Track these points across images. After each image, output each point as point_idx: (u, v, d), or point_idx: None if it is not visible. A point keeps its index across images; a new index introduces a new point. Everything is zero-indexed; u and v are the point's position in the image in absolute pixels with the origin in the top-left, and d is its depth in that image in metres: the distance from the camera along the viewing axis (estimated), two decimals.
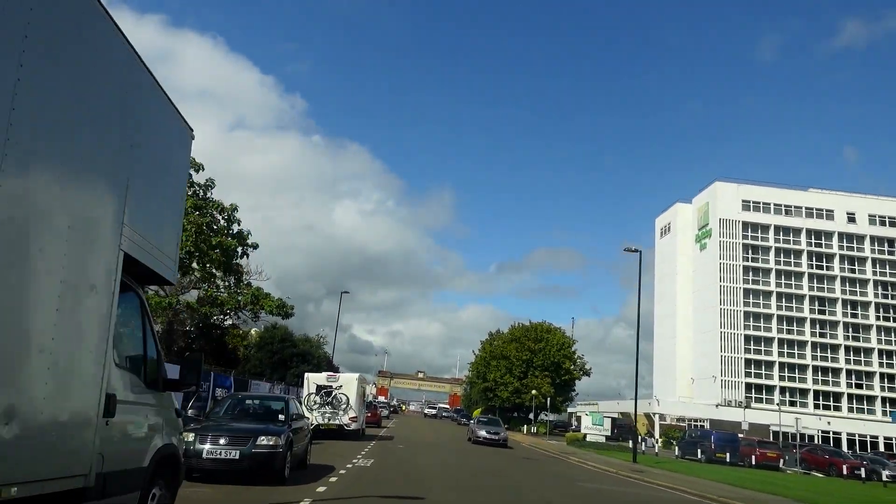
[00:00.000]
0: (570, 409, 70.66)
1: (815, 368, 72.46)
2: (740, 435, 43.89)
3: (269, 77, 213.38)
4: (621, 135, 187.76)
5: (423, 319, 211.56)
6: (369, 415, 37.61)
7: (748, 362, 72.22)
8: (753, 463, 35.68)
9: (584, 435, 43.77)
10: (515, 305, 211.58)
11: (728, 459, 35.96)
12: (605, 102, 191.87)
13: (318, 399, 25.42)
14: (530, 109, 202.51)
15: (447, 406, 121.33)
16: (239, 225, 26.61)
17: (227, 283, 29.02)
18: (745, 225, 75.66)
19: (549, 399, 62.00)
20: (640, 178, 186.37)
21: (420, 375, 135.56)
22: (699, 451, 37.84)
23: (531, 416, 70.27)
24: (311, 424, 18.81)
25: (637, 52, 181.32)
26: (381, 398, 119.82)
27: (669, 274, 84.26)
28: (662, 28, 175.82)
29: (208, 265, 25.43)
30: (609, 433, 43.62)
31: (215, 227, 25.68)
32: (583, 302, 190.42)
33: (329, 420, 25.03)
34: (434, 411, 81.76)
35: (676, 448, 43.39)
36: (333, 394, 25.62)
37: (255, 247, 27.78)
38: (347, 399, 25.70)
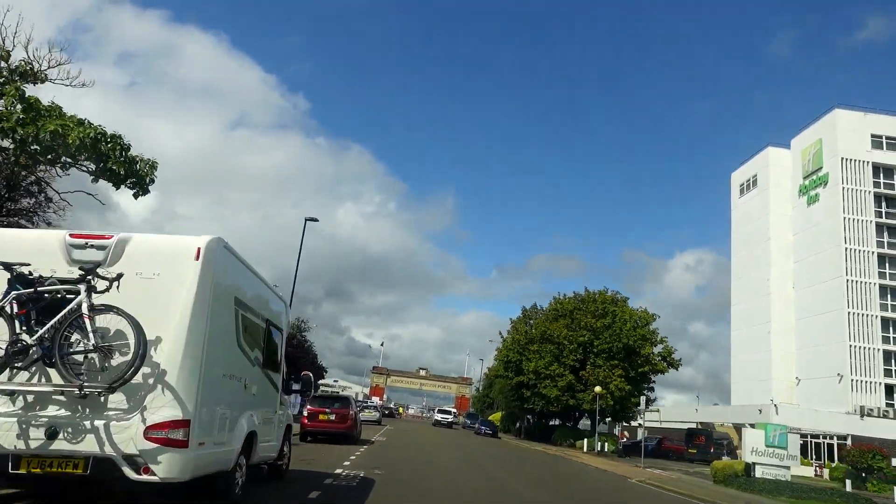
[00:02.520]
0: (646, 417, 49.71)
1: None
2: None
3: (272, 76, 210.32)
4: (621, 136, 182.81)
5: (422, 324, 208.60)
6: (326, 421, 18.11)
7: (889, 356, 51.59)
8: None
9: (747, 466, 23.06)
10: (517, 310, 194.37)
11: None
12: (606, 102, 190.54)
13: None
14: (531, 112, 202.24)
15: (452, 410, 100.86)
16: None
17: None
18: (877, 169, 55.24)
19: (617, 400, 41.62)
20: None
21: (422, 373, 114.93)
22: None
23: (582, 423, 49.77)
24: None
25: (638, 51, 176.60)
26: (375, 399, 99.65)
27: (756, 240, 63.80)
28: (663, 27, 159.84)
29: None
30: (793, 460, 23.03)
31: None
32: None
33: None
34: (449, 418, 59.86)
35: None
36: None
37: None
38: None
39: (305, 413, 20.51)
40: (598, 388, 40.15)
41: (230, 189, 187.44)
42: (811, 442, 47.23)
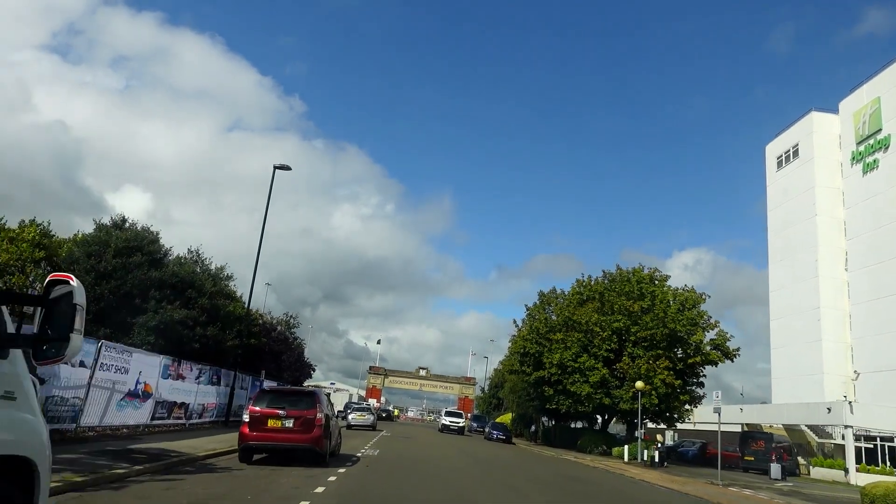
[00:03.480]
0: (694, 419, 41.83)
1: None
2: None
3: (268, 78, 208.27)
4: (620, 134, 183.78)
5: (421, 326, 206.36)
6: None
7: None
8: None
9: None
10: (516, 313, 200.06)
11: None
12: (606, 102, 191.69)
13: None
14: (530, 113, 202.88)
15: (462, 413, 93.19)
16: None
17: None
18: None
19: (662, 398, 34.34)
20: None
21: (422, 373, 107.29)
22: None
23: (606, 424, 42.38)
24: None
25: (639, 49, 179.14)
26: (372, 401, 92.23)
27: (799, 217, 56.41)
28: (662, 23, 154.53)
29: None
30: None
31: None
32: None
33: None
34: (459, 422, 49.70)
35: None
36: None
37: None
38: None
39: (246, 417, 13.05)
40: (639, 384, 32.76)
41: (226, 192, 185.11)
42: (883, 446, 39.82)
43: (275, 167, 25.42)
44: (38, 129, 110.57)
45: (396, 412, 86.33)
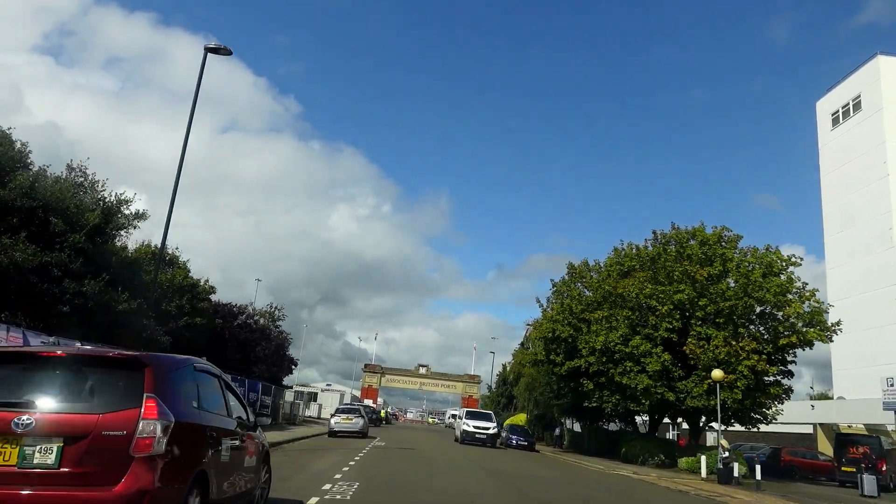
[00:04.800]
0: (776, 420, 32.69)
1: None
2: None
3: (262, 79, 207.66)
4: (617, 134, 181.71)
5: (418, 327, 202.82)
6: None
7: None
8: None
9: None
10: (514, 313, 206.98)
11: None
12: (605, 101, 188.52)
13: None
14: (528, 113, 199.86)
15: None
16: None
17: None
18: None
19: (745, 392, 25.89)
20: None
21: (422, 371, 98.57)
22: None
23: (674, 424, 33.85)
24: None
25: (639, 43, 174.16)
26: (368, 401, 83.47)
27: (865, 179, 47.94)
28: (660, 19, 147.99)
29: None
30: None
31: None
32: None
33: None
34: (489, 428, 34.86)
35: None
36: None
37: None
38: None
39: None
40: (717, 373, 24.16)
41: (221, 194, 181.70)
42: None
43: (206, 49, 16.89)
44: (30, 131, 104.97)
45: (383, 413, 74.72)
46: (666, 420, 36.15)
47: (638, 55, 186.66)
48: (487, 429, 34.59)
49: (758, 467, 23.39)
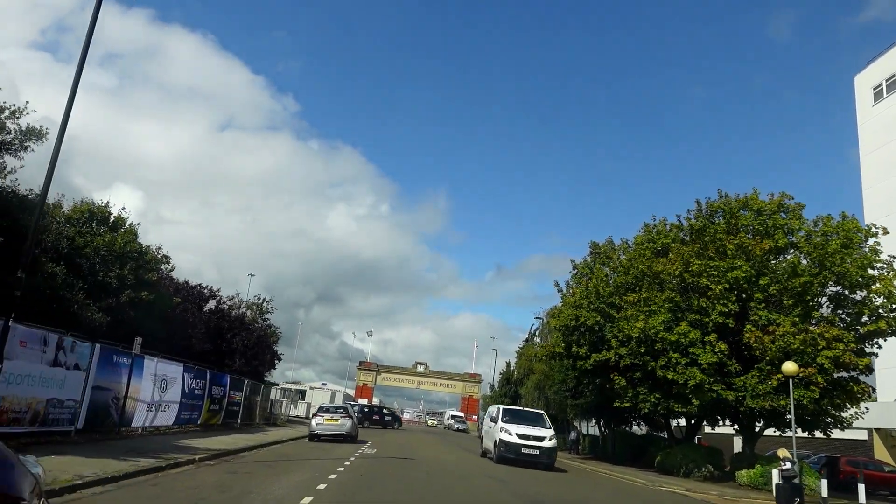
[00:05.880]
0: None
1: None
2: None
3: (260, 77, 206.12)
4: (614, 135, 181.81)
5: (415, 327, 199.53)
6: None
7: None
8: None
9: None
10: (511, 314, 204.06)
11: None
12: (600, 93, 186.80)
13: None
14: (525, 112, 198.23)
15: (460, 415, 79.45)
16: None
17: None
18: None
19: (824, 390, 20.90)
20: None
21: (420, 369, 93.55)
22: None
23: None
24: None
25: (638, 47, 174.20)
26: (363, 400, 78.55)
27: None
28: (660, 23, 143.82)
29: None
30: None
31: None
32: None
33: None
34: (544, 438, 22.05)
35: None
36: None
37: None
38: None
39: None
40: (791, 366, 19.15)
41: (218, 192, 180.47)
42: None
43: None
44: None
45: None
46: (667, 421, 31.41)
47: (638, 47, 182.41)
48: (542, 440, 21.95)
49: (823, 483, 18.83)
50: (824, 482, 18.99)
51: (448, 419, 72.42)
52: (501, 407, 25.60)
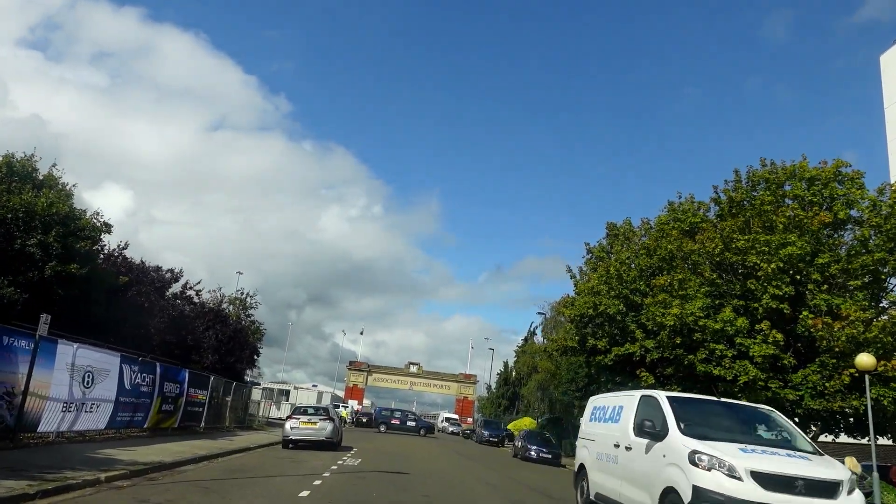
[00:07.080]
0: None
1: None
2: None
3: (253, 77, 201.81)
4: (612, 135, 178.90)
5: (408, 329, 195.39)
6: None
7: None
8: None
9: None
10: (504, 316, 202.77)
11: None
12: (597, 101, 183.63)
13: None
14: (521, 114, 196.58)
15: (455, 417, 75.60)
16: None
17: None
18: None
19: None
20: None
21: (412, 370, 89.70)
22: None
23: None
24: None
25: (632, 46, 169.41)
26: (353, 402, 74.78)
27: None
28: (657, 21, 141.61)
29: None
30: None
31: None
32: None
33: None
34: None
35: None
36: None
37: None
38: None
39: None
40: (867, 359, 15.46)
41: (210, 193, 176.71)
42: None
43: None
44: (14, 124, 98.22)
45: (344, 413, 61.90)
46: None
47: (636, 52, 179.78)
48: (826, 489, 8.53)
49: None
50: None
51: (442, 421, 68.78)
52: (665, 395, 10.11)
